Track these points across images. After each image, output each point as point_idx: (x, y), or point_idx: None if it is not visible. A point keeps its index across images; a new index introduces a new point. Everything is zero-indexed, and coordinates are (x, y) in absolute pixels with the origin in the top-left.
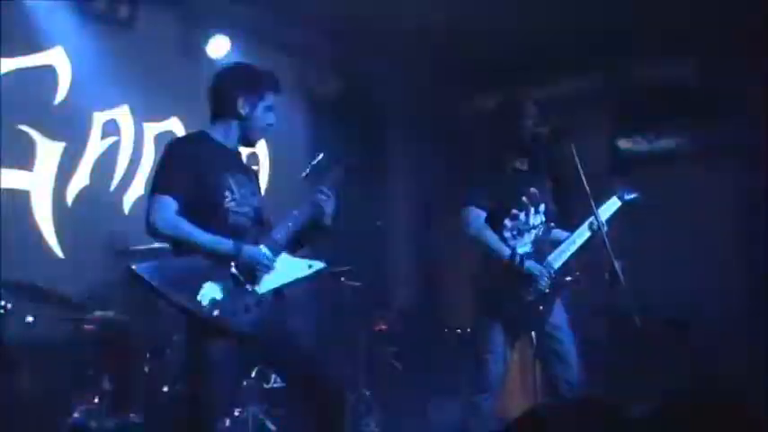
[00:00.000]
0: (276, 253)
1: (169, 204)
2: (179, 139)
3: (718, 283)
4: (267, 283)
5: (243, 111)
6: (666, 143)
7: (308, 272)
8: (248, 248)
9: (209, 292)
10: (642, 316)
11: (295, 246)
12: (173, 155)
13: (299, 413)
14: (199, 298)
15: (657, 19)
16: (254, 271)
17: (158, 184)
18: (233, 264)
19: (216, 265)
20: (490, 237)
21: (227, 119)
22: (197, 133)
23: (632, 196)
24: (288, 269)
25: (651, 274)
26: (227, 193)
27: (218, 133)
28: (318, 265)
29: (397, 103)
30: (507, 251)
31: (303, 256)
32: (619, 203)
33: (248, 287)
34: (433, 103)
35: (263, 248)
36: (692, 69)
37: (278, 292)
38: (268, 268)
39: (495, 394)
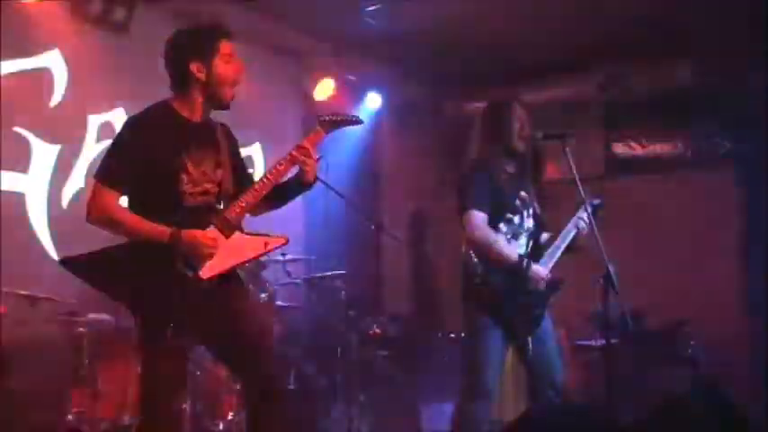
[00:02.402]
0: (228, 232)
1: (110, 196)
2: (133, 123)
3: (712, 288)
4: (213, 267)
5: (201, 75)
6: (661, 148)
7: (263, 250)
8: (186, 233)
9: (146, 282)
10: (635, 320)
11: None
12: (123, 144)
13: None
14: (135, 289)
15: (652, 21)
16: (195, 256)
17: (103, 173)
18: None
19: (154, 253)
20: (501, 240)
21: (188, 89)
22: (156, 109)
23: (597, 202)
24: (239, 249)
25: (644, 279)
26: (182, 176)
27: (181, 106)
28: (276, 241)
29: (393, 105)
30: (516, 255)
31: (261, 233)
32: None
33: (189, 273)
34: (425, 106)
35: (210, 229)
36: (688, 73)
37: (226, 275)
38: (211, 251)
39: (490, 397)
